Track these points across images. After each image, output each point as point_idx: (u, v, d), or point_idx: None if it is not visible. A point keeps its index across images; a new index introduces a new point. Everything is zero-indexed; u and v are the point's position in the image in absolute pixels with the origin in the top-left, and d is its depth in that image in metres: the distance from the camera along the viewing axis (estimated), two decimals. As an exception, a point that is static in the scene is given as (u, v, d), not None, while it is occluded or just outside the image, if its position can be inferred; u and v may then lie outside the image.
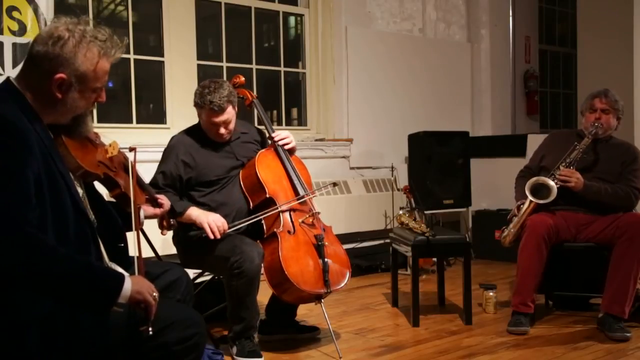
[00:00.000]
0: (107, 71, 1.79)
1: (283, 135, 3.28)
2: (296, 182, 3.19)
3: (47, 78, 1.70)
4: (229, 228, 2.97)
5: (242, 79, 3.43)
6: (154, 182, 3.02)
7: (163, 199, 2.32)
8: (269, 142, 3.33)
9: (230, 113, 3.07)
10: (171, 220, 2.44)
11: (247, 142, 3.29)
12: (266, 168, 3.15)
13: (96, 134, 1.98)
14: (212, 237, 2.91)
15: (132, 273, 1.99)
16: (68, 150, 1.82)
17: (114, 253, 1.92)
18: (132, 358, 1.68)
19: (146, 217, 2.24)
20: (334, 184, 3.53)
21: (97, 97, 1.81)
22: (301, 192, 3.17)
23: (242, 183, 3.15)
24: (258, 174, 3.10)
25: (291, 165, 3.23)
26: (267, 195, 3.08)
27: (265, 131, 3.37)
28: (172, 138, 3.19)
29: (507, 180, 3.90)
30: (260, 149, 3.31)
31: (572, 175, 3.48)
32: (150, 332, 1.64)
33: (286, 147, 3.27)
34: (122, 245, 1.99)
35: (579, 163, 3.55)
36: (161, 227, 2.44)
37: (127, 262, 1.95)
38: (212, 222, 2.92)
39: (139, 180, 2.15)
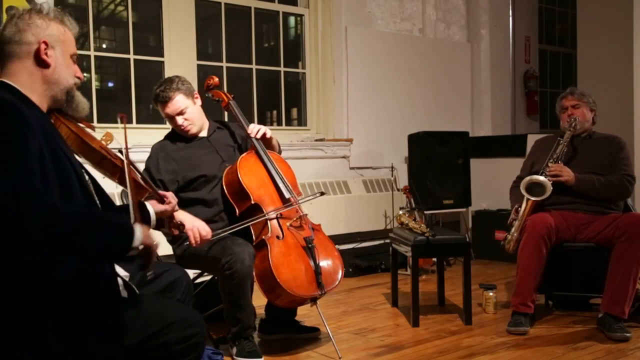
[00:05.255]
0: (74, 42, 1.87)
1: (256, 128, 3.18)
2: (281, 185, 3.12)
3: (32, 47, 1.75)
4: (213, 236, 2.90)
5: (216, 79, 3.36)
6: None
7: (168, 196, 2.21)
8: (249, 142, 3.24)
9: (180, 102, 3.06)
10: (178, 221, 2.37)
11: (224, 136, 3.27)
12: (249, 172, 3.08)
13: (89, 124, 2.01)
14: (193, 244, 2.84)
15: (134, 268, 1.99)
16: (71, 130, 1.87)
17: None
18: (132, 358, 1.68)
19: (156, 214, 2.17)
20: (322, 193, 3.38)
21: (76, 70, 1.86)
22: (286, 194, 3.10)
23: (225, 190, 3.08)
24: (241, 181, 3.02)
25: (274, 167, 3.16)
26: (252, 202, 3.02)
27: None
28: (152, 147, 3.18)
29: (507, 181, 3.90)
30: (240, 143, 3.29)
31: (562, 169, 3.53)
32: (151, 275, 1.77)
33: (265, 137, 3.19)
34: None
35: (569, 162, 3.60)
36: (170, 227, 2.34)
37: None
38: (196, 230, 2.84)
39: (140, 172, 2.15)
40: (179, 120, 3.09)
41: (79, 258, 1.65)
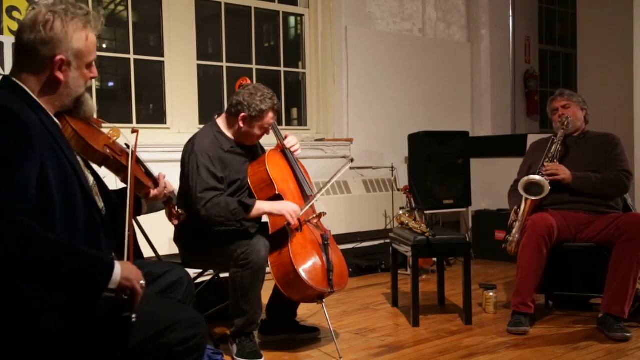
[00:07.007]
0: (95, 44, 1.81)
1: (293, 142, 3.30)
2: (303, 182, 3.22)
3: (47, 63, 1.72)
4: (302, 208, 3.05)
5: (249, 81, 3.39)
6: (206, 187, 2.94)
7: (161, 178, 2.22)
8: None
9: None
10: (178, 209, 2.36)
11: (256, 148, 3.32)
12: (275, 166, 3.17)
13: (98, 120, 2.00)
14: (294, 223, 2.95)
15: (140, 264, 1.99)
16: (76, 131, 1.84)
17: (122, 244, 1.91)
18: (134, 359, 1.68)
19: (148, 200, 2.18)
20: (352, 159, 3.55)
21: (91, 73, 1.83)
22: (308, 192, 3.20)
23: (249, 179, 3.15)
24: (268, 171, 3.10)
25: (297, 166, 3.26)
26: (276, 192, 3.09)
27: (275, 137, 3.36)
28: (194, 144, 3.07)
29: (507, 181, 3.91)
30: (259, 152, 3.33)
31: (558, 167, 3.55)
32: (134, 319, 1.62)
33: (295, 153, 3.29)
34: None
35: (565, 161, 3.61)
36: (170, 216, 2.36)
37: (136, 252, 1.94)
38: (290, 210, 2.97)
39: (144, 166, 2.15)
40: (270, 130, 3.19)
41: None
